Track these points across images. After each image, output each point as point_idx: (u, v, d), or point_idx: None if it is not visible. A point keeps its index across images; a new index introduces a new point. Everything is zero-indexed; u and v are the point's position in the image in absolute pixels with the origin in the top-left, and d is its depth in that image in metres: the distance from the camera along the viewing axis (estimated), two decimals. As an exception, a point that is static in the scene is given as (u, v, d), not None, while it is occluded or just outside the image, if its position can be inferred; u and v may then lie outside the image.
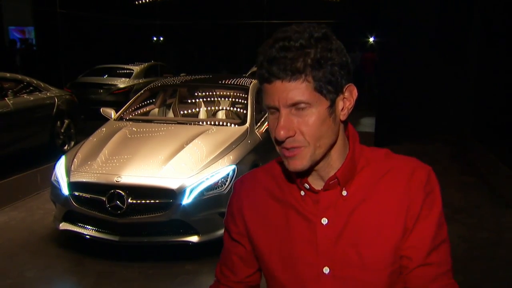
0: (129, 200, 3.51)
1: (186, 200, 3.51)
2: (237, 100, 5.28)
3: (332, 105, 0.89)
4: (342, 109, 0.91)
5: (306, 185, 0.96)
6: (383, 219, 0.93)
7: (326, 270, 0.94)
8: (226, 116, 5.04)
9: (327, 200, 0.94)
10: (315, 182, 0.96)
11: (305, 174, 0.95)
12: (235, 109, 5.19)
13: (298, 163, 0.90)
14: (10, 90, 6.09)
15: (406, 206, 0.93)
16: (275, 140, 0.90)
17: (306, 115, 0.87)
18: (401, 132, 7.37)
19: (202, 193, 3.55)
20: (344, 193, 0.94)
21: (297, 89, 0.85)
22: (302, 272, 0.96)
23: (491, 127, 6.06)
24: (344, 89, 0.90)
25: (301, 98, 0.85)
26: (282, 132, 0.87)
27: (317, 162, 0.92)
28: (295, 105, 0.86)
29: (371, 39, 15.09)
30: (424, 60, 7.50)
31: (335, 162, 0.95)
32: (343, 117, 0.92)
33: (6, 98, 5.88)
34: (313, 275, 0.94)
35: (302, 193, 0.97)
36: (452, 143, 7.27)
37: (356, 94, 0.92)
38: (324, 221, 0.94)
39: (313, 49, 0.85)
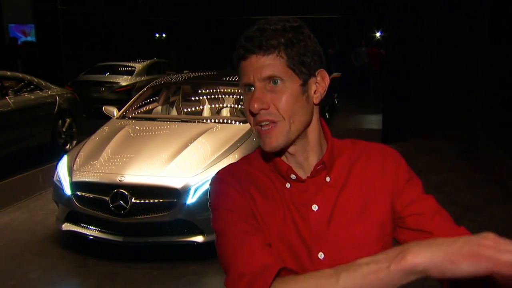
0: (133, 200, 3.47)
1: (191, 199, 3.47)
2: (241, 97, 5.22)
3: (305, 84, 0.93)
4: (315, 92, 0.95)
5: (293, 176, 0.97)
6: (366, 197, 0.98)
7: (320, 255, 0.95)
8: (230, 114, 4.98)
9: (315, 187, 0.97)
10: (297, 172, 0.98)
11: (283, 160, 0.98)
12: (239, 106, 5.13)
13: (273, 140, 0.92)
14: (11, 89, 6.05)
15: (389, 181, 0.99)
16: (250, 113, 0.92)
17: (280, 91, 0.90)
18: (409, 128, 7.29)
19: (206, 192, 3.48)
20: (328, 179, 0.98)
21: (271, 64, 0.89)
22: (300, 262, 0.96)
23: (501, 123, 5.97)
24: (317, 73, 0.95)
25: (274, 72, 0.89)
26: (256, 105, 0.90)
27: (292, 142, 0.95)
28: (269, 78, 0.90)
29: (378, 35, 14.96)
30: (432, 55, 7.40)
31: (313, 148, 0.98)
32: (316, 100, 0.96)
33: (7, 97, 5.84)
34: (309, 263, 0.95)
35: (288, 185, 0.98)
36: (461, 140, 7.18)
37: (328, 80, 0.97)
38: (315, 207, 0.96)
39: (287, 33, 0.91)
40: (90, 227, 3.66)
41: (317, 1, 14.16)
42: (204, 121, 4.59)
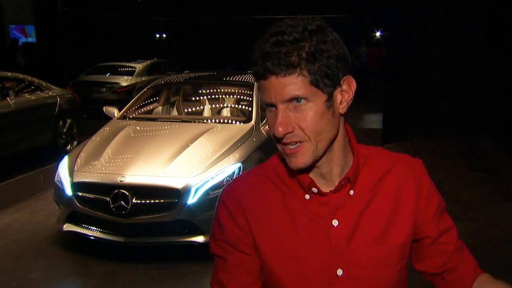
0: (134, 200, 3.46)
1: (191, 199, 3.46)
2: (242, 97, 5.22)
3: (330, 98, 0.87)
4: (341, 102, 0.90)
5: (314, 189, 0.93)
6: (391, 217, 0.94)
7: (339, 272, 0.92)
8: (231, 114, 4.98)
9: (336, 201, 0.93)
10: (318, 182, 0.94)
11: (306, 172, 0.93)
12: (240, 106, 5.13)
13: (300, 160, 0.88)
14: (12, 90, 6.05)
15: (415, 200, 0.96)
16: (274, 137, 0.88)
17: (304, 110, 0.85)
18: (409, 128, 7.27)
19: (207, 193, 3.50)
20: (351, 192, 0.94)
21: (292, 84, 0.83)
22: (315, 277, 0.93)
23: (501, 121, 5.97)
24: (342, 82, 0.88)
25: (297, 92, 0.84)
26: (280, 129, 0.85)
27: (319, 158, 0.91)
28: (291, 100, 0.85)
29: (378, 34, 14.95)
30: (432, 55, 7.38)
31: (337, 158, 0.93)
32: (342, 110, 0.91)
33: (7, 98, 5.84)
34: (326, 279, 0.93)
35: (307, 196, 0.94)
36: (461, 139, 7.17)
37: (355, 86, 0.91)
38: (335, 222, 0.93)
39: (307, 43, 0.83)
40: (91, 227, 3.66)
41: (317, 1, 14.14)
42: (205, 121, 4.59)
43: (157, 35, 16.75)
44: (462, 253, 1.02)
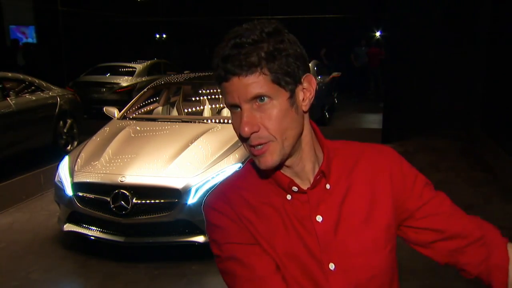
0: (134, 200, 3.47)
1: (192, 199, 3.47)
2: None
3: (292, 95, 0.88)
4: (303, 99, 0.91)
5: (295, 188, 0.94)
6: (370, 202, 0.96)
7: (331, 266, 0.93)
8: (231, 114, 4.98)
9: (316, 197, 0.94)
10: (295, 181, 0.95)
11: (280, 170, 0.94)
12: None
13: (269, 159, 0.89)
14: (12, 90, 6.06)
15: (394, 183, 0.98)
16: (240, 138, 0.89)
17: (268, 109, 0.86)
18: (409, 128, 7.28)
19: (207, 193, 3.49)
20: (328, 186, 0.95)
21: (254, 83, 0.85)
22: (310, 275, 0.93)
23: (501, 121, 5.97)
24: (302, 79, 0.90)
25: (260, 90, 0.85)
26: (246, 128, 0.86)
27: (288, 157, 0.92)
28: (255, 98, 0.86)
29: (378, 34, 14.93)
30: (432, 55, 7.39)
31: (307, 155, 0.95)
32: (305, 108, 0.92)
33: (8, 98, 5.85)
34: (320, 275, 0.93)
35: (289, 197, 0.95)
36: (461, 138, 7.18)
37: (316, 83, 0.93)
38: (319, 218, 0.94)
39: (266, 43, 0.85)
40: (92, 227, 3.67)
41: (316, 1, 14.14)
42: (205, 121, 4.60)
43: (157, 36, 16.75)
44: (471, 217, 1.03)
